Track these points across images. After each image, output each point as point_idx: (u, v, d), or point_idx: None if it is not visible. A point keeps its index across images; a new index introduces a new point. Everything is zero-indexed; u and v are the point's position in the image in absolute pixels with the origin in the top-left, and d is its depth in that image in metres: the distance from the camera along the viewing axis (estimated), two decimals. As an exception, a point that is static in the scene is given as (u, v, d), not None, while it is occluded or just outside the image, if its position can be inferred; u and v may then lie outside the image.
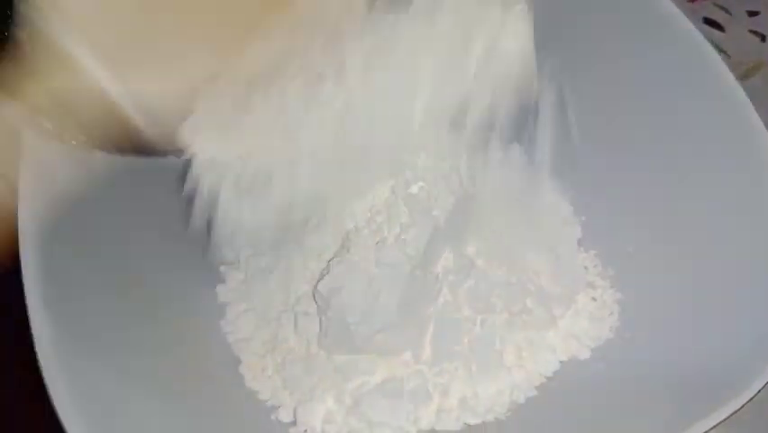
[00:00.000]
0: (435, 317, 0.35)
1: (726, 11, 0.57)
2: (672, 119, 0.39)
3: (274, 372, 0.36)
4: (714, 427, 0.29)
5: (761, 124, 0.35)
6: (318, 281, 0.34)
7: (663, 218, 0.39)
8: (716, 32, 0.56)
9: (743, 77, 0.53)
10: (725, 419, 0.29)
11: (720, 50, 0.55)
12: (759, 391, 0.29)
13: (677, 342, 0.35)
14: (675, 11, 0.39)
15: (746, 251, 0.34)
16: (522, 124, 0.38)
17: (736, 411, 0.29)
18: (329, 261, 0.35)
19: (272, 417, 0.35)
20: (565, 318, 0.38)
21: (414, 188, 0.34)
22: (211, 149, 0.26)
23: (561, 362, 0.37)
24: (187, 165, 0.29)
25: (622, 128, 0.41)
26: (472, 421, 0.35)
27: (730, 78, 0.37)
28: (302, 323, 0.35)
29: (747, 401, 0.29)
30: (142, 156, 0.25)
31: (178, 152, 0.25)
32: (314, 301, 0.35)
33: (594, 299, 0.39)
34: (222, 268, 0.39)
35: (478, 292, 0.36)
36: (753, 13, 0.57)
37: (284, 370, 0.36)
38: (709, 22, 0.56)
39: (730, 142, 0.36)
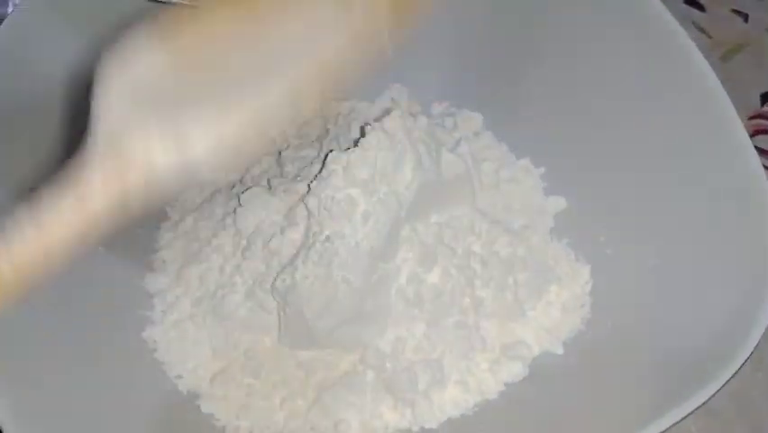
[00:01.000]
0: (395, 309, 0.34)
1: (708, -10, 0.55)
2: (648, 108, 0.38)
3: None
4: (687, 415, 0.28)
5: (733, 112, 0.34)
6: (275, 278, 0.33)
7: (635, 207, 0.38)
8: (696, 12, 0.54)
9: (723, 57, 0.52)
10: (697, 408, 0.28)
11: (701, 31, 0.53)
12: (729, 379, 0.29)
13: (649, 331, 0.34)
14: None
15: (717, 237, 0.34)
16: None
17: (707, 400, 0.28)
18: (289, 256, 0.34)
19: (234, 415, 0.35)
20: (536, 310, 0.37)
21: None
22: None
23: (533, 357, 0.36)
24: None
25: (600, 118, 0.40)
26: (438, 416, 0.34)
27: (703, 62, 0.35)
28: (258, 319, 0.34)
29: (718, 390, 0.28)
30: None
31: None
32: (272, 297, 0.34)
33: (565, 289, 0.38)
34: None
35: (439, 282, 0.35)
36: (735, -8, 0.55)
37: (247, 367, 0.35)
38: (690, 1, 0.55)
39: (701, 130, 0.35)
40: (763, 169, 0.33)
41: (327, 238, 0.32)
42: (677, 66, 0.37)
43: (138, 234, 0.40)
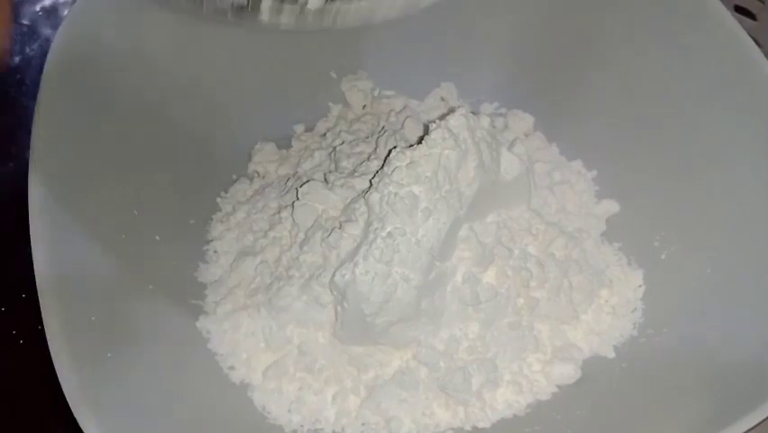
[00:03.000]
0: (450, 308, 0.34)
1: (759, -2, 0.55)
2: (707, 113, 0.37)
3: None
4: (750, 430, 0.28)
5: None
6: (335, 272, 0.33)
7: (690, 212, 0.37)
8: (747, 21, 0.53)
9: (775, 66, 0.51)
10: (755, 426, 0.28)
11: (752, 39, 0.53)
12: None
13: (703, 340, 0.34)
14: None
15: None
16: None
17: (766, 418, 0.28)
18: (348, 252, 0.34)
19: (286, 409, 0.35)
20: (588, 313, 0.37)
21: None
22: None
23: (584, 360, 0.36)
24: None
25: (656, 122, 0.40)
26: (491, 416, 0.34)
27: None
28: (313, 313, 0.34)
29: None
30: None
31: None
32: (329, 291, 0.34)
33: (616, 294, 0.38)
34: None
35: (495, 282, 0.35)
36: (786, 1, 0.55)
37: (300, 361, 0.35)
38: (740, 10, 0.54)
39: (759, 138, 0.35)
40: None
41: (389, 234, 0.32)
42: (736, 75, 0.37)
43: (190, 225, 0.40)
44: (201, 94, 0.42)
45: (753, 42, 0.36)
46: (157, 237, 0.36)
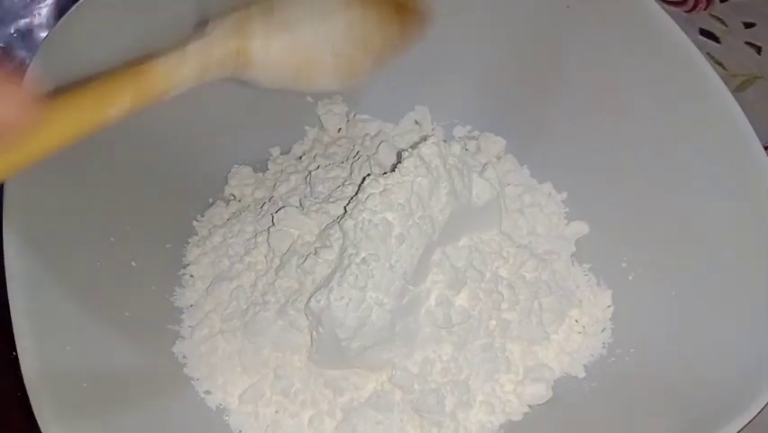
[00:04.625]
0: (423, 331, 0.35)
1: (723, 22, 0.57)
2: (674, 136, 0.38)
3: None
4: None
5: (756, 142, 0.35)
6: (310, 298, 0.34)
7: (658, 234, 0.38)
8: (712, 44, 0.55)
9: (738, 88, 0.53)
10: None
11: (715, 62, 0.54)
12: (759, 411, 0.29)
13: (672, 359, 0.35)
14: (671, 24, 0.38)
15: (741, 268, 0.34)
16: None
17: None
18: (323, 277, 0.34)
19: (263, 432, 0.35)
20: (558, 334, 0.38)
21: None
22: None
23: (555, 380, 0.37)
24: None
25: (625, 145, 0.41)
26: (463, 438, 0.35)
27: (726, 93, 0.36)
28: (288, 337, 0.35)
29: (747, 423, 0.29)
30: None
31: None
32: (305, 316, 0.35)
33: (586, 314, 0.39)
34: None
35: (467, 305, 0.36)
36: (749, 25, 0.57)
37: (276, 384, 0.35)
38: (705, 33, 0.56)
39: (725, 161, 0.36)
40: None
41: (363, 260, 0.33)
42: (700, 96, 0.38)
43: (166, 249, 0.40)
44: (177, 118, 0.42)
45: (710, 68, 0.37)
46: (133, 263, 0.37)
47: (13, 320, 0.29)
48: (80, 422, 0.29)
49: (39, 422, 0.28)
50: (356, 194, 0.35)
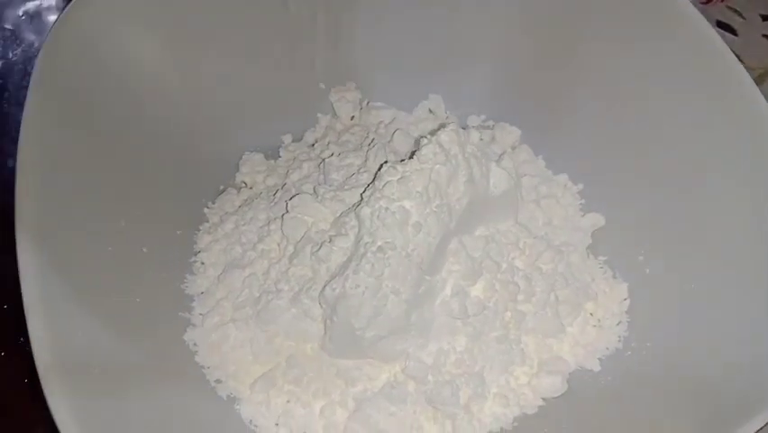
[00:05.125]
0: (438, 321, 0.34)
1: (740, 14, 0.56)
2: (691, 129, 0.38)
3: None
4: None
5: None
6: (325, 286, 0.33)
7: (676, 227, 0.38)
8: (729, 36, 0.55)
9: (756, 81, 0.52)
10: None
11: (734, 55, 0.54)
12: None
13: (687, 353, 0.34)
14: (693, 11, 0.38)
15: (760, 263, 0.34)
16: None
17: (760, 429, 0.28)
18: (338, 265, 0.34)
19: (274, 422, 0.34)
20: (573, 327, 0.38)
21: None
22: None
23: (570, 373, 0.36)
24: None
25: (641, 136, 0.40)
26: (478, 429, 0.34)
27: (752, 86, 0.36)
28: (301, 326, 0.34)
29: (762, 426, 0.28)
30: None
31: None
32: (318, 304, 0.34)
33: (601, 307, 0.38)
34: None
35: (483, 296, 0.35)
36: (766, 17, 0.56)
37: (288, 373, 0.35)
38: (722, 25, 0.55)
39: (743, 153, 0.35)
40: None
41: (380, 248, 0.32)
42: (721, 88, 0.37)
43: (177, 235, 0.39)
44: (188, 104, 0.42)
45: (734, 57, 0.37)
46: (144, 249, 0.36)
47: (25, 307, 0.29)
48: (90, 409, 0.29)
49: (50, 408, 0.27)
50: (372, 181, 0.34)
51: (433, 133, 0.34)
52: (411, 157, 0.33)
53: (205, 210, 0.41)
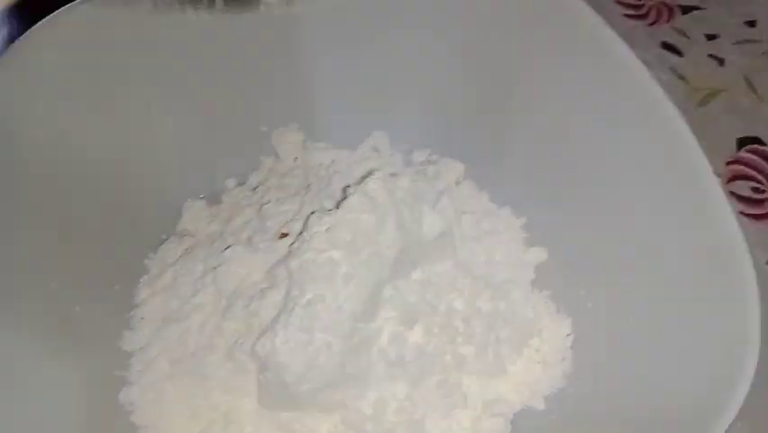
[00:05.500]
0: (376, 370, 0.34)
1: (685, 35, 0.56)
2: (630, 163, 0.38)
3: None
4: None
5: (708, 170, 0.34)
6: (256, 341, 0.33)
7: (615, 260, 0.38)
8: (673, 57, 0.55)
9: (701, 102, 0.53)
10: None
11: (678, 76, 0.54)
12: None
13: (629, 388, 0.34)
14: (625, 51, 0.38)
15: (697, 293, 0.34)
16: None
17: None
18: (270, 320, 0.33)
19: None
20: (517, 365, 0.37)
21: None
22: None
23: (514, 414, 0.36)
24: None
25: (583, 169, 0.40)
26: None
27: (679, 119, 0.36)
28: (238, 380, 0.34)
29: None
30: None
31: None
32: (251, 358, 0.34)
33: (546, 343, 0.38)
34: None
35: (421, 341, 0.35)
36: (711, 37, 0.56)
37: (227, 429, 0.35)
38: (667, 46, 0.56)
39: (678, 187, 0.35)
40: (738, 227, 0.33)
41: (309, 302, 0.32)
42: (652, 121, 0.37)
43: (115, 290, 0.39)
44: (126, 149, 0.41)
45: (663, 94, 0.37)
46: (77, 308, 0.36)
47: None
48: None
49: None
50: (301, 232, 0.34)
51: (359, 181, 0.34)
52: (338, 206, 0.33)
53: (146, 261, 0.41)
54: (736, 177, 0.49)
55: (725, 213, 0.34)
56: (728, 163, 0.50)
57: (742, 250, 0.33)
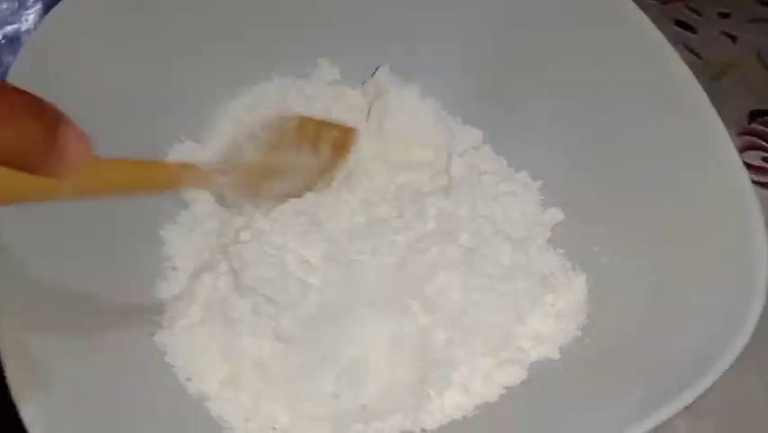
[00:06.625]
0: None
1: (698, 13, 0.58)
2: (645, 126, 0.39)
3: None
4: (674, 414, 0.29)
5: (724, 131, 0.36)
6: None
7: (629, 219, 0.39)
8: (687, 34, 0.56)
9: (714, 77, 0.54)
10: (685, 407, 0.29)
11: (692, 52, 0.55)
12: (715, 379, 0.30)
13: (644, 337, 0.35)
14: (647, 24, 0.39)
15: (708, 249, 0.35)
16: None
17: (695, 399, 0.29)
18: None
19: (242, 417, 0.36)
20: (534, 317, 0.39)
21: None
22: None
23: (530, 363, 0.37)
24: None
25: (598, 134, 0.42)
26: (439, 419, 0.35)
27: (695, 84, 0.37)
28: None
29: (706, 390, 0.29)
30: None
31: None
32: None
33: (561, 298, 0.39)
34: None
35: (443, 291, 0.36)
36: (724, 15, 0.58)
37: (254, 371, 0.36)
38: (681, 23, 0.57)
39: (693, 147, 0.37)
40: (750, 183, 0.35)
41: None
42: (670, 87, 0.39)
43: (149, 244, 0.41)
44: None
45: (683, 65, 0.38)
46: (116, 257, 0.37)
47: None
48: (60, 408, 0.30)
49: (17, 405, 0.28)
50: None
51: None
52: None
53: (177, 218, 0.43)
54: (747, 147, 0.51)
55: (739, 170, 0.35)
56: (740, 134, 0.51)
57: (752, 201, 0.34)
